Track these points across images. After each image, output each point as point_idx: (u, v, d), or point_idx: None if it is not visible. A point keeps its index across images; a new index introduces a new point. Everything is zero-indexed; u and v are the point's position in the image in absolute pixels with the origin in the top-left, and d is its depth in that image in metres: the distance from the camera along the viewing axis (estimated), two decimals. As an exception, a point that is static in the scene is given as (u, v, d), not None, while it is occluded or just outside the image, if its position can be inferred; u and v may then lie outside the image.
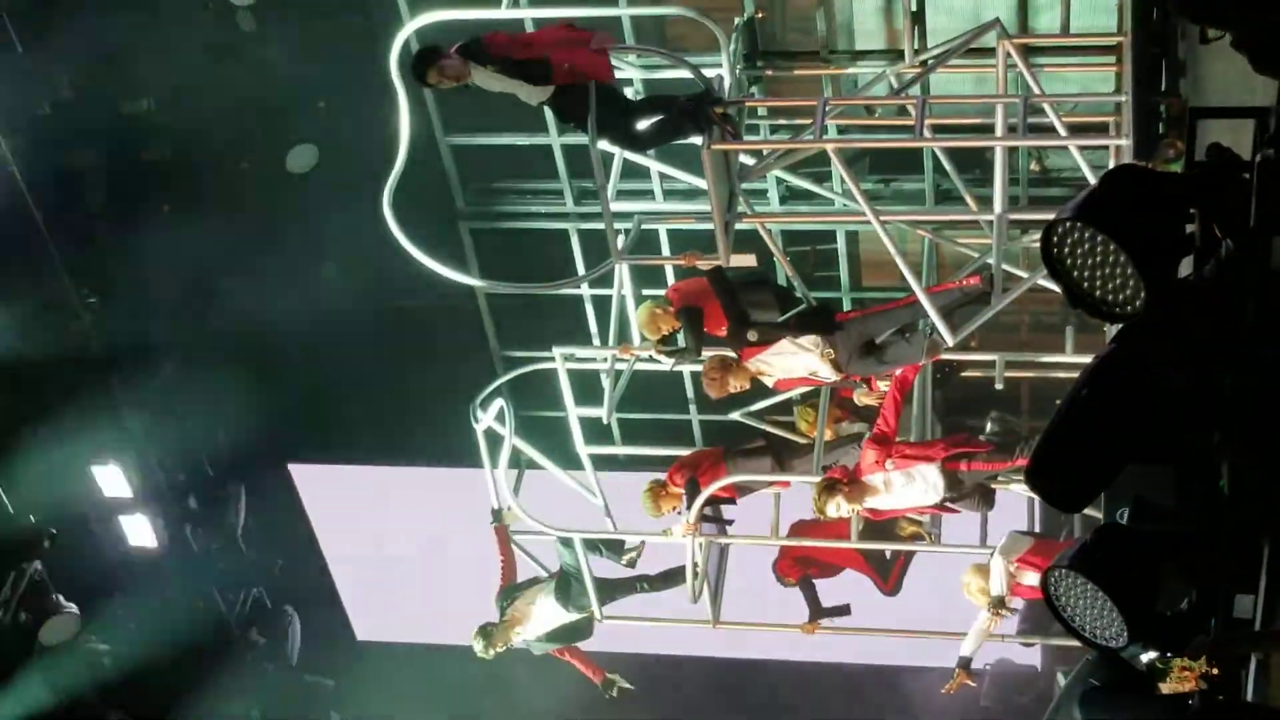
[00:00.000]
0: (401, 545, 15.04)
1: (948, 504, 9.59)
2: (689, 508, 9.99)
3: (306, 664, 15.35)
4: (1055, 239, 5.74)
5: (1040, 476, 6.31)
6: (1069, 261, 5.74)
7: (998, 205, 9.24)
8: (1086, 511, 8.94)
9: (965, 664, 10.04)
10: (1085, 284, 5.74)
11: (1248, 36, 6.03)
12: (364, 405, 13.85)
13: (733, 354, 9.73)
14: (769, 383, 9.83)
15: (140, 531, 14.01)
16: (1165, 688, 6.59)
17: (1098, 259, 5.63)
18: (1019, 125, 9.09)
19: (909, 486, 9.42)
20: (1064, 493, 6.34)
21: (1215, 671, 6.51)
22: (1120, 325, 5.96)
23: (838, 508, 9.40)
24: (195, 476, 14.35)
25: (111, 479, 13.75)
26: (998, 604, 9.69)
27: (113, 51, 12.29)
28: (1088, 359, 6.37)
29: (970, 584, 9.81)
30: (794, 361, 9.62)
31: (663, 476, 10.27)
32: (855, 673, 14.50)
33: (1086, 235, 5.65)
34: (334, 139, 12.59)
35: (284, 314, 12.87)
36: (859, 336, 9.53)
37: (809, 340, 9.54)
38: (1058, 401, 6.15)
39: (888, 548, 10.54)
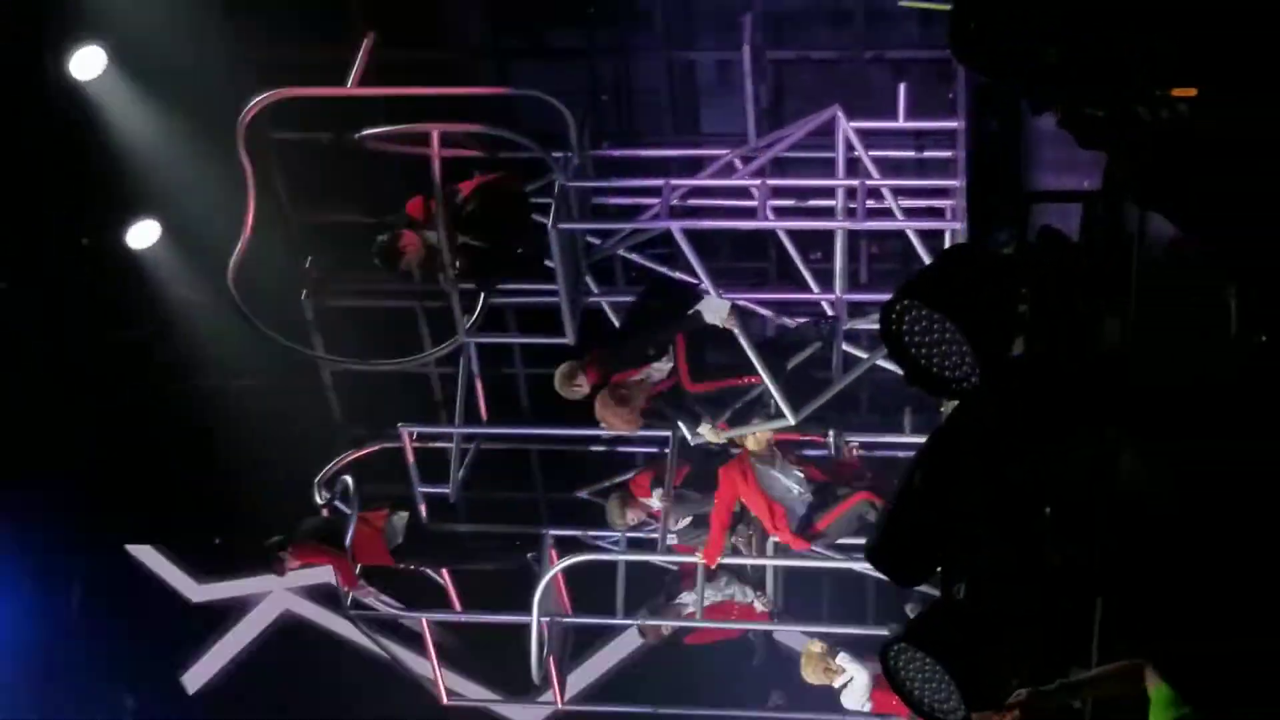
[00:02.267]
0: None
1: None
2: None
3: None
4: (893, 317, 5.88)
5: (880, 553, 6.42)
6: (906, 339, 5.88)
7: (838, 286, 9.43)
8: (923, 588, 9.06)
9: None
10: (922, 361, 5.88)
11: (1070, 116, 6.19)
12: (203, 482, 13.52)
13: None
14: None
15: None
16: None
17: (934, 336, 5.78)
18: (858, 209, 9.31)
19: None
20: (902, 568, 6.46)
21: None
22: (956, 402, 6.11)
23: None
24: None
25: None
26: None
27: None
28: (923, 439, 6.49)
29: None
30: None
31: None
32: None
33: (923, 314, 5.79)
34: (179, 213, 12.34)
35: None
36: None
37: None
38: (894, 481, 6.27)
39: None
